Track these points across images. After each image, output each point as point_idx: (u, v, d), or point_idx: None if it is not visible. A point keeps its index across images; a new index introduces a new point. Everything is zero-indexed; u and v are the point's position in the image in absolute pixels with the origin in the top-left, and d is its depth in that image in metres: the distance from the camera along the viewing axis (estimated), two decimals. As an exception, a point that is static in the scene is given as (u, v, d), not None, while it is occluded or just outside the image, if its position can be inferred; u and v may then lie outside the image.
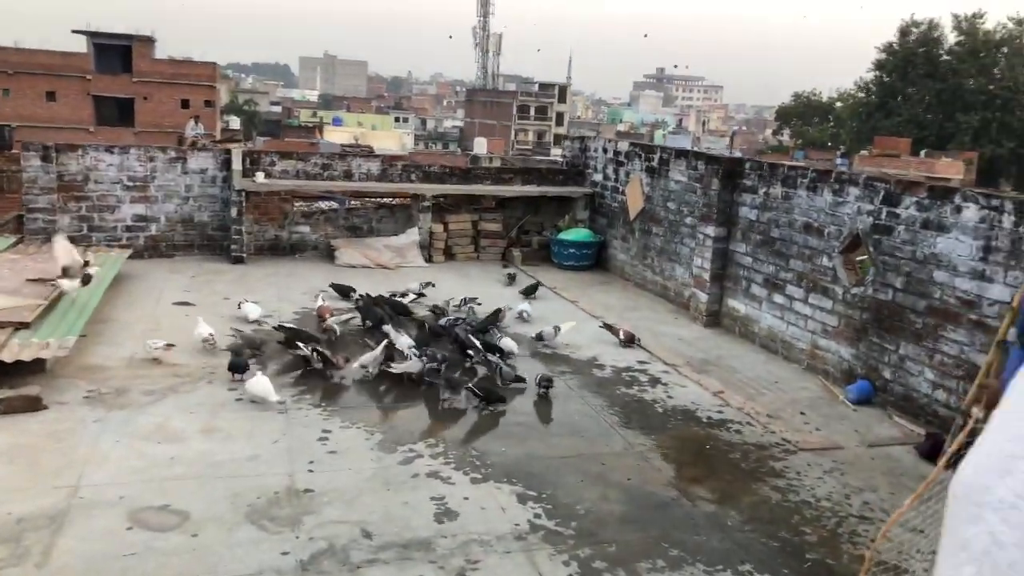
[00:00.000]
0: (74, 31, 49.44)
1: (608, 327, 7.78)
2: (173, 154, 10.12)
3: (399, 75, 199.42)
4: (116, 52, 48.50)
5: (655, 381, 6.75)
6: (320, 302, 8.00)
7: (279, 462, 4.95)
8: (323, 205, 10.82)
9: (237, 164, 9.85)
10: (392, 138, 62.75)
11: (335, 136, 57.66)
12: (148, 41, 49.68)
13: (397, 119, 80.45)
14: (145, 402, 5.75)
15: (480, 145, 41.63)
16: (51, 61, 47.23)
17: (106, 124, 46.89)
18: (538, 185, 11.09)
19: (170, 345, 6.59)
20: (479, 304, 8.26)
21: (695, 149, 37.30)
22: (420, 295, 8.65)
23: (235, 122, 58.77)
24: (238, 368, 6.19)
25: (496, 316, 7.59)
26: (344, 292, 8.55)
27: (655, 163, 9.63)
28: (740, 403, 6.32)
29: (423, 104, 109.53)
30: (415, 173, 10.78)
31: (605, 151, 10.72)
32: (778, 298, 7.63)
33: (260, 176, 9.97)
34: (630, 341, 7.54)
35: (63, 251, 7.26)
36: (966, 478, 1.64)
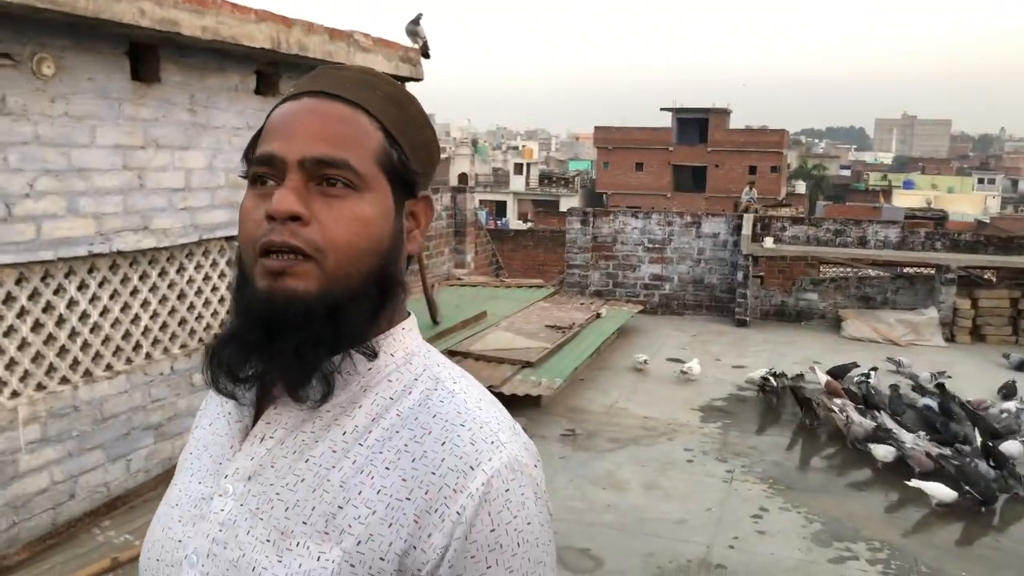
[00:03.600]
0: (662, 109, 55.18)
1: None
2: (689, 219, 10.73)
3: (989, 132, 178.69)
4: (695, 125, 52.59)
5: None
6: (820, 375, 7.45)
7: (703, 531, 4.88)
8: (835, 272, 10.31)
9: (747, 229, 10.01)
10: (972, 201, 56.49)
11: (904, 200, 54.08)
12: (724, 113, 52.99)
13: (981, 180, 72.03)
14: (607, 448, 6.20)
15: (1086, 209, 34.89)
16: (641, 136, 53.26)
17: (681, 190, 51.12)
18: (1109, 259, 8.98)
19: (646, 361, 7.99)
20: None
21: None
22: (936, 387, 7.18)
23: (800, 187, 59.11)
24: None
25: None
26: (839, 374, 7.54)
27: None
28: None
29: (1016, 163, 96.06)
30: (940, 241, 9.64)
31: None
32: None
33: (768, 241, 9.98)
34: None
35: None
36: None
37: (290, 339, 0.86)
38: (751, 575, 4.37)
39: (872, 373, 7.33)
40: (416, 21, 7.26)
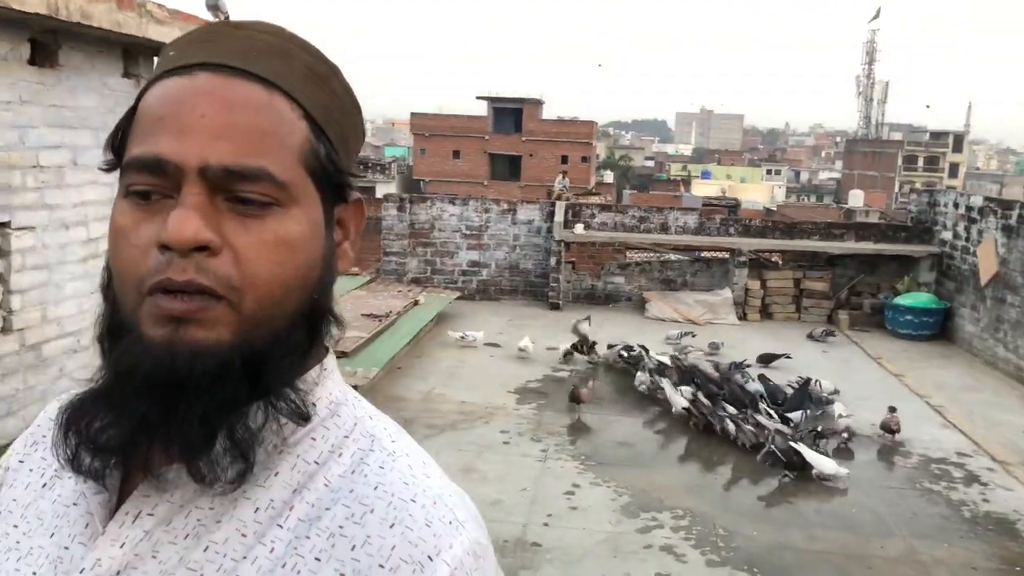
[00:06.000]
0: (477, 97, 55.66)
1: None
2: (505, 206, 10.91)
3: (776, 127, 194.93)
4: (510, 114, 53.39)
5: (972, 479, 5.66)
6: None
7: (519, 511, 4.98)
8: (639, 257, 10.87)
9: (559, 216, 10.31)
10: (761, 190, 61.31)
11: (702, 189, 57.83)
12: (537, 103, 54.20)
13: (769, 171, 78.47)
14: (424, 435, 6.18)
15: (856, 198, 38.94)
16: (457, 124, 53.41)
17: (497, 179, 51.83)
18: (874, 242, 10.03)
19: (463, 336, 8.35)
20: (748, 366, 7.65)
21: None
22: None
23: (609, 176, 61.76)
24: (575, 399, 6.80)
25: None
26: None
27: (1013, 220, 8.18)
28: (1087, 521, 5.02)
29: (798, 156, 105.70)
30: (733, 227, 10.40)
31: (956, 206, 9.38)
32: None
33: (579, 228, 10.33)
34: (885, 430, 6.31)
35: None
36: None
37: (197, 406, 0.63)
38: (564, 550, 4.51)
39: (636, 347, 7.89)
40: (217, -4, 6.87)
